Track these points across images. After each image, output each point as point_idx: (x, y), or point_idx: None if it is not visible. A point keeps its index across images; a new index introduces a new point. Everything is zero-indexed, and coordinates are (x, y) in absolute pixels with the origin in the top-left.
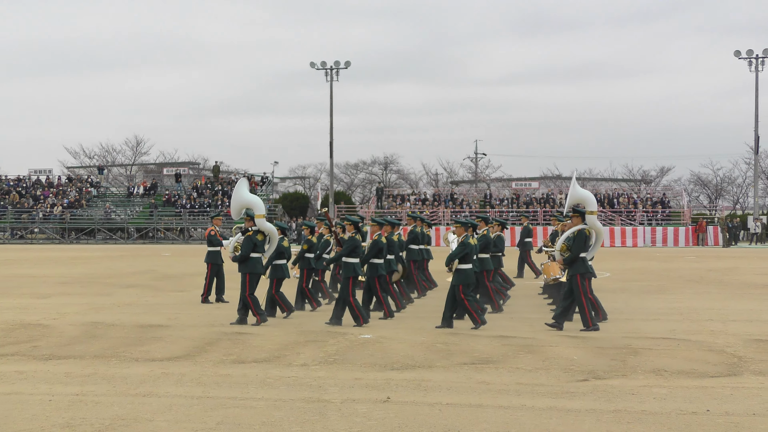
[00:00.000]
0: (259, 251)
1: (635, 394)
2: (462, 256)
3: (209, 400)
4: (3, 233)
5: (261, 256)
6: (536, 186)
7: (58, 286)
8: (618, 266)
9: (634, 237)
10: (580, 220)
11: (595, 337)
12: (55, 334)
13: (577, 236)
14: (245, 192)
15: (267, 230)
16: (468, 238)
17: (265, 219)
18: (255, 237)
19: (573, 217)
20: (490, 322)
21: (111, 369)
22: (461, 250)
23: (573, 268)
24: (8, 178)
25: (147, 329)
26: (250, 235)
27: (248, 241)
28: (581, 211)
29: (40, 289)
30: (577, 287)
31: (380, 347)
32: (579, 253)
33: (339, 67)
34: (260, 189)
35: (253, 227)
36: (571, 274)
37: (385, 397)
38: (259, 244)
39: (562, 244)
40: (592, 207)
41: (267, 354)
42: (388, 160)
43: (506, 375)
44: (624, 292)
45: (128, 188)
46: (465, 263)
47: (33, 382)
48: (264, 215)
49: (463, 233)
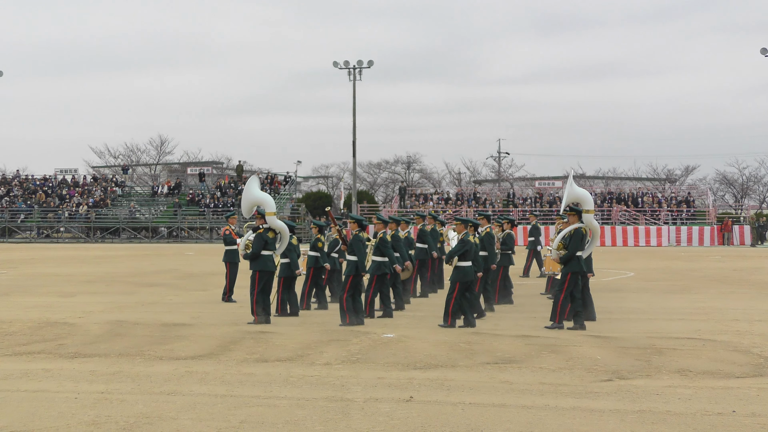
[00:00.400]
0: (270, 249)
1: (660, 395)
2: (461, 254)
3: (233, 399)
4: (29, 232)
5: (272, 253)
6: (559, 185)
7: (83, 284)
8: (642, 265)
9: (659, 236)
10: (576, 219)
11: (618, 336)
12: (81, 332)
13: (574, 235)
14: (256, 190)
15: (278, 228)
16: (468, 236)
17: (276, 216)
18: (266, 234)
19: (569, 215)
20: (513, 322)
21: (135, 367)
22: (461, 247)
23: (568, 266)
24: (35, 178)
25: (171, 328)
26: (261, 233)
27: (259, 238)
28: (578, 210)
29: (66, 288)
30: (564, 284)
31: (403, 346)
32: (575, 251)
33: (362, 66)
34: (283, 188)
35: (264, 225)
36: (565, 271)
37: (408, 397)
38: (270, 241)
39: (558, 243)
40: (589, 206)
41: (290, 353)
42: (411, 159)
43: (529, 375)
44: (648, 292)
45: (152, 187)
46: (464, 260)
47: (59, 379)
48: (275, 213)
49: (463, 230)
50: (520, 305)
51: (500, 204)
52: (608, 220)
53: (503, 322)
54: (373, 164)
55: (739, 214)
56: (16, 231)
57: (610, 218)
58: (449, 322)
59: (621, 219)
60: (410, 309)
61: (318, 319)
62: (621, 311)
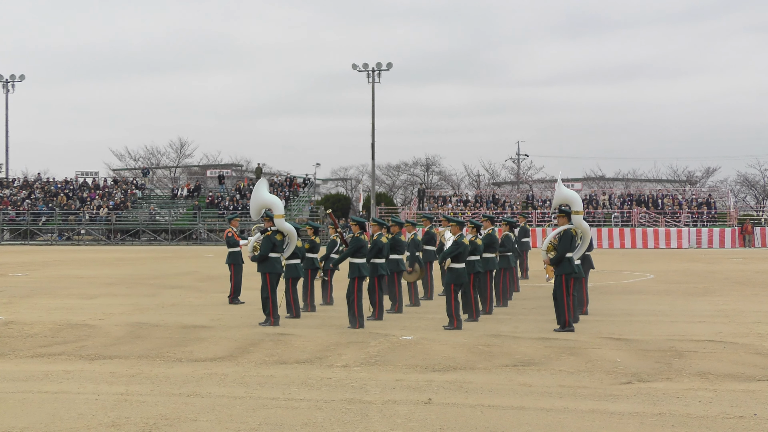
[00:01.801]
0: (278, 251)
1: (680, 398)
2: (455, 255)
3: (251, 401)
4: (51, 234)
5: (280, 256)
6: (579, 187)
7: (103, 287)
8: (662, 268)
9: (679, 238)
10: (566, 220)
11: (638, 339)
12: (101, 334)
13: (563, 236)
14: (265, 192)
15: (286, 230)
16: (462, 238)
17: (284, 219)
18: (274, 237)
19: (559, 217)
20: (533, 324)
21: (155, 369)
22: (454, 249)
23: (559, 268)
24: (56, 181)
25: (190, 330)
26: (269, 235)
27: (267, 241)
28: (567, 211)
29: (87, 290)
30: (561, 287)
31: (421, 348)
32: (565, 253)
33: (381, 68)
34: (302, 190)
35: (272, 227)
36: (557, 274)
37: (427, 399)
38: (278, 244)
39: (548, 244)
40: (578, 207)
41: (309, 355)
42: (430, 161)
43: (548, 377)
44: (668, 294)
45: (172, 190)
46: (457, 262)
47: (79, 381)
48: (283, 215)
49: (458, 232)
50: (541, 307)
51: (519, 206)
52: (628, 222)
53: (523, 325)
54: (392, 166)
55: (761, 216)
56: (37, 233)
57: (630, 220)
58: (455, 325)
59: (641, 221)
60: (429, 311)
61: (337, 321)
62: (641, 313)
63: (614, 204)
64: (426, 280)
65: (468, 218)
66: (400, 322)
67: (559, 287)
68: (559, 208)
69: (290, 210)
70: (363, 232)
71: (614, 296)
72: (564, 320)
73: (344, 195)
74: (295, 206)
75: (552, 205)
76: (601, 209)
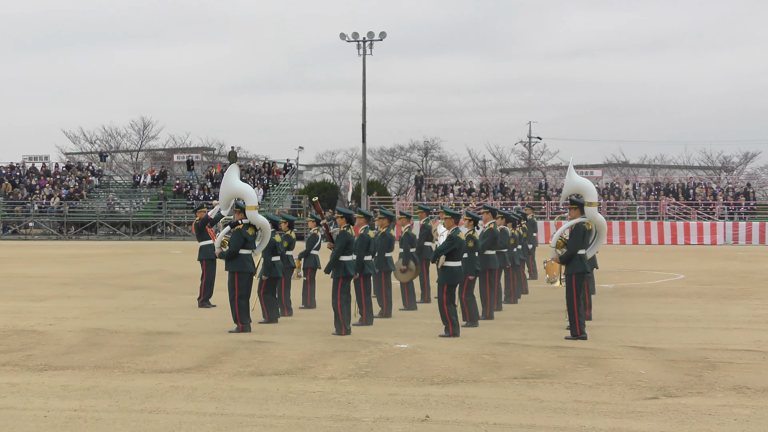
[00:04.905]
0: (250, 247)
1: (713, 415)
2: (449, 252)
3: (224, 418)
4: None
5: (251, 252)
6: (599, 174)
7: (55, 287)
8: (693, 267)
9: (713, 233)
10: (578, 213)
11: (665, 348)
12: (52, 341)
13: (575, 231)
14: (235, 180)
15: (259, 223)
16: (457, 232)
17: (257, 211)
18: (245, 231)
19: (570, 208)
20: (545, 330)
21: (113, 381)
22: (449, 245)
23: (569, 266)
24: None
25: (154, 336)
26: (239, 229)
27: (238, 235)
28: (579, 202)
29: (36, 291)
30: (571, 288)
31: (418, 358)
32: (576, 249)
33: (373, 39)
34: (283, 178)
35: (244, 220)
36: (567, 273)
37: (424, 416)
38: (250, 239)
39: (557, 239)
40: (592, 197)
41: (289, 365)
42: (429, 145)
43: (563, 391)
44: (700, 297)
45: (134, 177)
46: (452, 260)
47: (26, 395)
48: (256, 206)
49: (453, 226)
50: (553, 312)
51: (531, 196)
52: (654, 215)
53: (533, 331)
54: (385, 151)
55: None
56: None
57: (656, 212)
58: (451, 331)
59: (669, 213)
60: (426, 316)
61: (321, 327)
62: (669, 319)
63: (639, 194)
64: (422, 279)
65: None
66: (393, 328)
67: (569, 289)
68: (569, 198)
69: (269, 200)
70: (350, 225)
71: (638, 299)
72: (575, 328)
73: (331, 183)
74: (274, 196)
75: (562, 195)
76: (624, 200)
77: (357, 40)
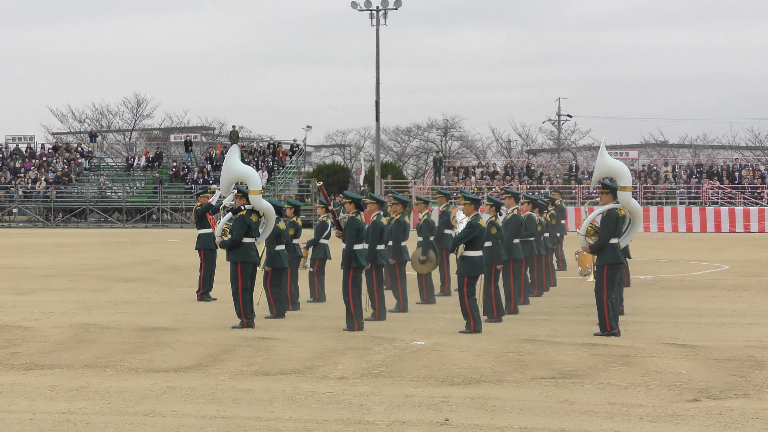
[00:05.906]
0: (253, 235)
1: (760, 419)
2: (469, 241)
3: (225, 421)
4: None
5: (255, 241)
6: (635, 155)
7: (41, 279)
8: (739, 257)
9: (761, 220)
10: (610, 198)
11: (708, 345)
12: (38, 338)
13: (607, 217)
14: (237, 162)
15: (263, 209)
16: (478, 219)
17: (261, 196)
18: (248, 218)
19: (602, 193)
20: (575, 326)
21: (105, 382)
22: (468, 233)
23: (601, 257)
24: None
25: (149, 333)
26: (242, 216)
27: (240, 222)
28: (612, 187)
29: (20, 284)
30: (602, 280)
31: (437, 356)
32: (608, 238)
33: (387, 7)
34: (289, 160)
35: (247, 205)
36: (599, 264)
37: (443, 419)
38: (253, 226)
39: (587, 227)
40: (626, 181)
41: (297, 364)
42: (449, 123)
43: (595, 392)
44: (747, 290)
45: (127, 159)
46: (473, 250)
47: (10, 396)
48: (260, 191)
49: (473, 212)
50: (585, 306)
51: (560, 179)
52: (697, 200)
53: (563, 327)
54: (401, 130)
55: None
56: None
57: (698, 197)
58: (472, 327)
59: (713, 198)
60: (446, 310)
61: (331, 322)
62: (712, 314)
63: (679, 177)
64: (442, 271)
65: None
66: (409, 323)
67: (599, 281)
68: (601, 182)
69: (274, 184)
70: (359, 211)
71: (678, 292)
72: (605, 323)
73: (342, 165)
74: (280, 179)
75: (593, 178)
76: (662, 183)
77: (370, 9)
